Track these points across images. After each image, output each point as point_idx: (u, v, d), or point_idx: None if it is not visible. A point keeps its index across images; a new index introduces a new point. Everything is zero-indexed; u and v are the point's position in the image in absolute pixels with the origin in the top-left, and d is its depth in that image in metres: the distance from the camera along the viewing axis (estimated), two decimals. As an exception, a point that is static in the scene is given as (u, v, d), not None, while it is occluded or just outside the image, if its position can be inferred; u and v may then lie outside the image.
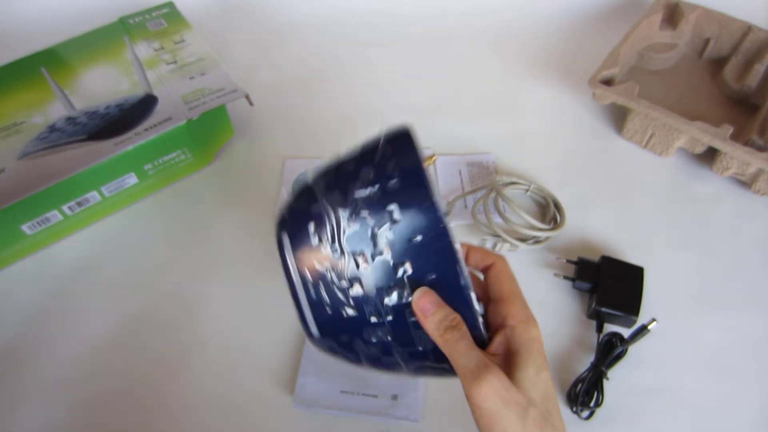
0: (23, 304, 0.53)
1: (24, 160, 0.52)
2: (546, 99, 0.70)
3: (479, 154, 0.63)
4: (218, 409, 0.47)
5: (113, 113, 0.56)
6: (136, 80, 0.59)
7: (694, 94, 0.68)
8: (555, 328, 0.51)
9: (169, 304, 0.52)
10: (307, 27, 0.79)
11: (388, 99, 0.70)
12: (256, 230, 0.57)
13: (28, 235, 0.54)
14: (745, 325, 0.51)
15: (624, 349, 0.47)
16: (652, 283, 0.51)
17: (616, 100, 0.61)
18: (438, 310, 0.31)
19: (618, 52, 0.64)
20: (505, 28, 0.77)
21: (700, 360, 0.49)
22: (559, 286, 0.53)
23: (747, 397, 0.47)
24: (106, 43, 0.62)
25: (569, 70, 0.72)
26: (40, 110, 0.56)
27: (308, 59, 0.75)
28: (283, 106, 0.69)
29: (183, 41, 0.63)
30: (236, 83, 0.59)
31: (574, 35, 0.77)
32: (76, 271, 0.55)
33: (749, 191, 0.59)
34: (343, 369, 0.48)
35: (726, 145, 0.56)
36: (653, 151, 0.63)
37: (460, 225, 0.57)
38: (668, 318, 0.49)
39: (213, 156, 0.63)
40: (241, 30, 0.78)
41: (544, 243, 0.54)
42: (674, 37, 0.70)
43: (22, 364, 0.49)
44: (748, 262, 0.55)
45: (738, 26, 0.67)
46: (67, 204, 0.54)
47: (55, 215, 0.54)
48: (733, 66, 0.67)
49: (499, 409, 0.30)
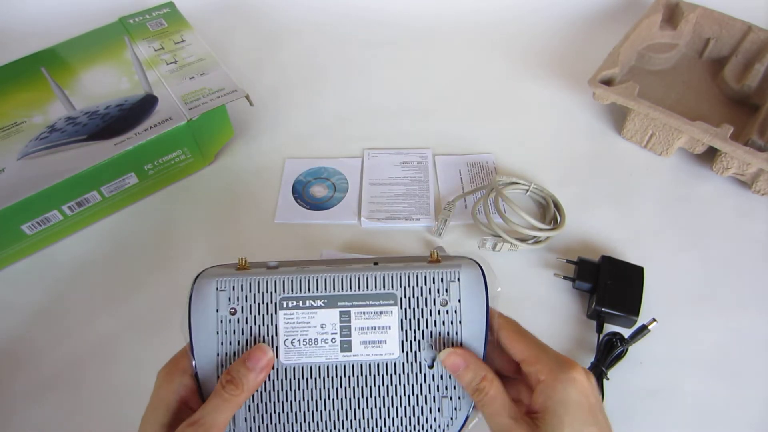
0: (23, 304, 0.53)
1: (24, 160, 0.52)
2: (546, 99, 0.70)
3: (479, 154, 0.63)
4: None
5: (113, 113, 0.56)
6: (136, 80, 0.59)
7: (694, 94, 0.68)
8: (555, 328, 0.51)
9: (169, 304, 0.52)
10: (307, 27, 0.79)
11: (388, 99, 0.70)
12: (256, 230, 0.57)
13: (28, 235, 0.54)
14: (745, 325, 0.51)
15: (624, 349, 0.47)
16: (652, 283, 0.51)
17: (616, 100, 0.61)
18: (464, 372, 0.32)
19: (618, 52, 0.64)
20: (505, 28, 0.77)
21: (700, 360, 0.49)
22: (559, 286, 0.53)
23: (747, 397, 0.47)
24: (106, 43, 0.62)
25: (569, 70, 0.72)
26: (40, 110, 0.56)
27: (308, 59, 0.75)
28: (283, 106, 0.69)
29: (183, 41, 0.63)
30: (236, 83, 0.59)
31: (574, 35, 0.77)
32: (76, 271, 0.55)
33: (749, 191, 0.59)
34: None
35: (726, 145, 0.56)
36: (653, 151, 0.63)
37: (460, 225, 0.57)
38: (668, 318, 0.49)
39: (213, 156, 0.63)
40: (241, 30, 0.79)
41: (544, 243, 0.54)
42: (674, 37, 0.70)
43: (22, 364, 0.49)
44: (748, 262, 0.55)
45: (738, 26, 0.67)
46: (67, 204, 0.54)
47: (55, 215, 0.54)
48: (734, 66, 0.67)
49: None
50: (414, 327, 0.32)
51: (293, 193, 0.60)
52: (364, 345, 0.32)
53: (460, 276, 0.33)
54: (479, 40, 0.76)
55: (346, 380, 0.32)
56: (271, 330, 0.32)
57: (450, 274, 0.33)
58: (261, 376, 0.31)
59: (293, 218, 0.58)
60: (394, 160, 0.63)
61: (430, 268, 0.33)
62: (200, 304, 0.33)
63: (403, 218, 0.58)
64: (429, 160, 0.63)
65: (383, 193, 0.60)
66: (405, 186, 0.61)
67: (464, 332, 0.33)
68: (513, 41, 0.76)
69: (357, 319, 0.32)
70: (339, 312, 0.32)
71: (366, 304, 0.32)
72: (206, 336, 0.32)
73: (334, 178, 0.62)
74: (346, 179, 0.61)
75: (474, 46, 0.76)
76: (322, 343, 0.32)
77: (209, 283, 0.33)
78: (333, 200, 0.60)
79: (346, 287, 0.32)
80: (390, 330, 0.32)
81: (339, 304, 0.32)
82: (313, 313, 0.32)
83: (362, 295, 0.32)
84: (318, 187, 0.61)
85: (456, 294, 0.33)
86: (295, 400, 0.32)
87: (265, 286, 0.32)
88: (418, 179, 0.61)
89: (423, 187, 0.60)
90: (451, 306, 0.33)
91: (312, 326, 0.32)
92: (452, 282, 0.33)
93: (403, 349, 0.32)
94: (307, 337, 0.32)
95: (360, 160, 0.63)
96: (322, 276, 0.32)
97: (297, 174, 0.62)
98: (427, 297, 0.33)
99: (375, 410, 0.33)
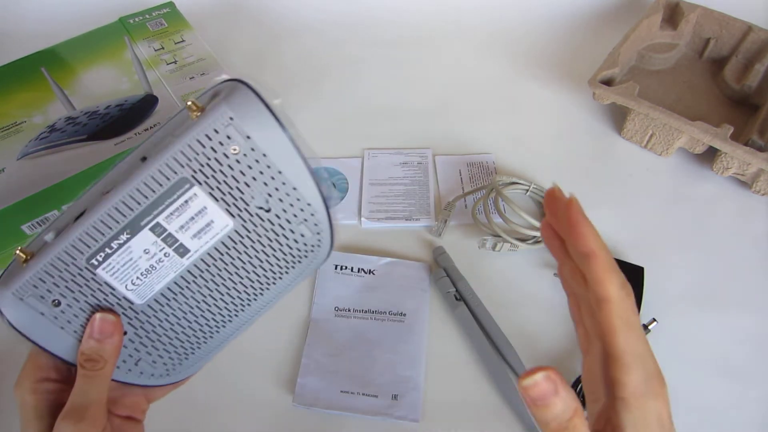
0: (23, 304, 0.53)
1: (24, 160, 0.52)
2: (546, 99, 0.70)
3: (479, 154, 0.63)
4: (218, 408, 0.47)
5: (113, 113, 0.56)
6: (136, 80, 0.59)
7: (694, 94, 0.68)
8: (555, 328, 0.51)
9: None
10: (307, 27, 0.79)
11: (388, 99, 0.70)
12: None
13: (28, 235, 0.54)
14: (745, 325, 0.51)
15: (624, 349, 0.47)
16: (652, 283, 0.51)
17: (616, 100, 0.61)
18: (553, 400, 0.23)
19: (618, 52, 0.64)
20: (505, 28, 0.77)
21: (700, 360, 0.49)
22: (559, 286, 0.53)
23: (747, 397, 0.47)
24: (106, 43, 0.62)
25: (569, 70, 0.72)
26: (40, 110, 0.56)
27: (308, 59, 0.75)
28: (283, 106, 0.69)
29: (183, 41, 0.63)
30: (236, 83, 0.59)
31: (575, 35, 0.77)
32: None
33: (749, 191, 0.59)
34: (343, 369, 0.48)
35: (726, 145, 0.56)
36: (653, 151, 0.63)
37: (460, 225, 0.57)
38: (668, 318, 0.49)
39: (213, 156, 0.63)
40: (241, 30, 0.79)
41: (542, 244, 0.54)
42: (674, 37, 0.70)
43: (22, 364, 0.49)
44: (748, 262, 0.55)
45: (738, 26, 0.67)
46: (67, 204, 0.54)
47: (55, 215, 0.54)
48: (734, 66, 0.67)
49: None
50: (227, 190, 0.29)
51: (293, 193, 0.60)
52: (196, 238, 0.30)
53: (231, 114, 0.28)
54: (479, 40, 0.76)
55: (208, 274, 0.31)
56: (105, 289, 0.30)
57: (220, 119, 0.28)
58: (115, 338, 0.30)
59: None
60: (394, 160, 0.63)
61: (196, 129, 0.28)
62: (25, 321, 0.29)
63: (403, 218, 0.58)
64: (429, 160, 0.63)
65: (383, 193, 0.60)
66: (405, 186, 0.61)
67: (279, 165, 0.30)
68: (513, 41, 0.76)
69: (170, 223, 0.29)
70: (149, 230, 0.29)
71: (167, 206, 0.29)
72: (56, 337, 0.30)
73: (334, 178, 0.62)
74: (346, 179, 0.61)
75: (474, 45, 0.76)
76: (160, 263, 0.30)
77: (10, 300, 0.29)
78: (333, 200, 0.60)
79: (135, 206, 0.28)
80: (207, 210, 0.29)
81: (142, 224, 0.29)
82: (128, 248, 0.29)
83: (156, 201, 0.28)
84: (318, 187, 0.61)
85: (239, 135, 0.28)
86: (178, 319, 0.32)
87: (61, 262, 0.29)
88: (418, 179, 0.61)
89: (423, 187, 0.61)
90: (244, 148, 0.28)
91: (137, 258, 0.29)
92: (228, 126, 0.28)
93: (232, 214, 0.30)
94: (142, 268, 0.30)
95: (360, 160, 0.63)
96: (105, 211, 0.28)
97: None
98: (217, 157, 0.28)
99: (249, 278, 0.32)
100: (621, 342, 0.24)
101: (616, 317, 0.24)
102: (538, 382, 0.23)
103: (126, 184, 0.28)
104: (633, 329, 0.24)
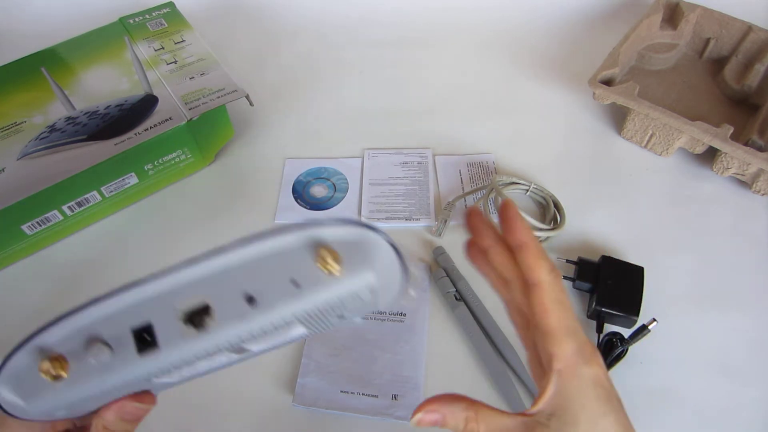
0: (23, 304, 0.53)
1: (24, 160, 0.52)
2: (546, 99, 0.70)
3: (479, 154, 0.63)
4: (218, 408, 0.47)
5: (113, 113, 0.56)
6: (136, 80, 0.59)
7: (694, 94, 0.68)
8: (555, 328, 0.51)
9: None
10: (307, 27, 0.79)
11: (388, 99, 0.70)
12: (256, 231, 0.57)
13: (28, 235, 0.54)
14: (746, 325, 0.51)
15: (624, 349, 0.47)
16: (652, 283, 0.51)
17: (616, 100, 0.61)
18: (444, 423, 0.27)
19: (618, 52, 0.64)
20: (505, 27, 0.77)
21: (700, 360, 0.49)
22: (559, 286, 0.53)
23: (747, 397, 0.47)
24: (106, 43, 0.62)
25: (569, 70, 0.72)
26: (40, 110, 0.56)
27: (308, 59, 0.75)
28: (283, 106, 0.69)
29: (183, 41, 0.63)
30: (236, 83, 0.59)
31: (575, 35, 0.77)
32: (76, 271, 0.55)
33: (749, 191, 0.59)
34: (343, 369, 0.48)
35: (726, 145, 0.56)
36: (653, 151, 0.63)
37: (460, 225, 0.57)
38: (668, 318, 0.49)
39: (213, 156, 0.63)
40: (241, 30, 0.79)
41: (544, 243, 0.54)
42: (674, 37, 0.70)
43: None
44: (748, 262, 0.55)
45: (738, 26, 0.67)
46: (67, 204, 0.54)
47: (55, 215, 0.54)
48: (734, 66, 0.67)
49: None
50: (321, 320, 0.26)
51: (293, 193, 0.60)
52: (263, 343, 0.27)
53: (375, 284, 0.25)
54: (479, 40, 0.76)
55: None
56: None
57: (362, 287, 0.24)
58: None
59: (293, 218, 0.58)
60: (394, 160, 0.63)
61: (334, 290, 0.24)
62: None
63: (403, 218, 0.58)
64: (429, 160, 0.63)
65: (383, 193, 0.60)
66: (405, 186, 0.61)
67: (382, 306, 0.27)
68: (513, 41, 0.76)
69: (251, 343, 0.26)
70: (232, 354, 0.26)
71: (264, 335, 0.25)
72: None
73: (335, 178, 0.62)
74: (346, 179, 0.62)
75: (474, 45, 0.76)
76: (214, 361, 0.27)
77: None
78: (333, 200, 0.60)
79: (230, 345, 0.25)
80: (292, 333, 0.27)
81: (229, 349, 0.26)
82: (198, 366, 0.26)
83: (255, 337, 0.25)
84: (318, 187, 0.61)
85: (369, 294, 0.25)
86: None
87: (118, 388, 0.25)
88: (418, 179, 0.61)
89: (423, 187, 0.61)
90: (366, 304, 0.26)
91: (199, 367, 0.27)
92: (365, 292, 0.25)
93: (309, 327, 0.27)
94: (200, 371, 0.27)
95: (360, 160, 0.63)
96: (197, 349, 0.24)
97: (297, 174, 0.62)
98: (335, 309, 0.26)
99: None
100: (553, 320, 0.27)
101: (548, 298, 0.27)
102: (422, 419, 0.27)
103: (229, 329, 0.24)
104: (563, 307, 0.27)
